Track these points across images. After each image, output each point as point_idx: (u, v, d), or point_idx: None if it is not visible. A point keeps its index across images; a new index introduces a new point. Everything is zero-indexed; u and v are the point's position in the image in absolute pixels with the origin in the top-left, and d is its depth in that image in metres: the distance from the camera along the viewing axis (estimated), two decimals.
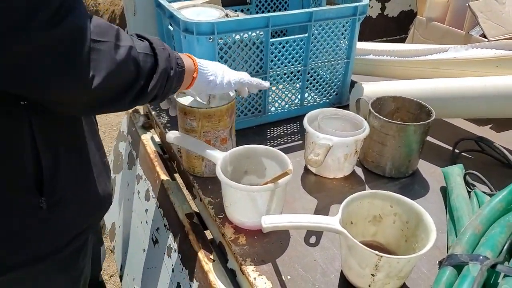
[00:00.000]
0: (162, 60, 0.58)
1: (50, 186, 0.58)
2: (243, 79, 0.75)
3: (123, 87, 0.54)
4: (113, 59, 0.50)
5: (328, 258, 0.66)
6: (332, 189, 0.82)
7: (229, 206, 0.70)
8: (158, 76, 0.58)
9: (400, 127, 0.78)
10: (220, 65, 0.74)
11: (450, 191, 0.72)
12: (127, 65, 0.53)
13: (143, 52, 0.56)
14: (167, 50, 0.61)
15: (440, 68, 0.99)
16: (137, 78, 0.55)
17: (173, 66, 0.61)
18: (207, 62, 0.71)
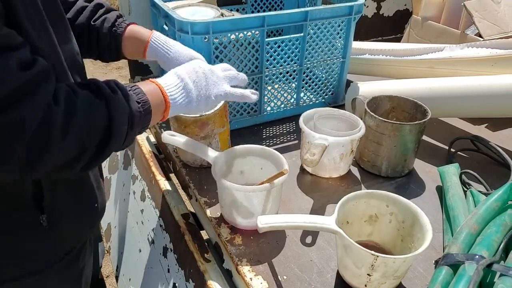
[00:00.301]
0: (118, 127, 0.50)
1: (50, 203, 0.58)
2: (226, 91, 0.65)
3: (69, 163, 0.48)
4: (54, 147, 0.45)
5: (324, 258, 0.66)
6: (328, 188, 0.81)
7: (225, 206, 0.70)
8: (114, 141, 0.50)
9: (395, 126, 0.78)
10: (197, 72, 0.62)
11: (446, 190, 0.72)
12: (70, 147, 0.46)
13: (93, 126, 0.48)
14: (123, 106, 0.51)
15: (435, 68, 0.99)
16: (82, 153, 0.48)
17: (135, 121, 0.53)
18: (176, 80, 0.60)
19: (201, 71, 0.62)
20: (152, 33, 0.75)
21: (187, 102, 0.60)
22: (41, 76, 0.44)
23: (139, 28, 0.76)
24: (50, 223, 0.59)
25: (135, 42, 0.75)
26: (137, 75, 1.18)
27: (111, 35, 0.74)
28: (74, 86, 0.49)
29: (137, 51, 0.76)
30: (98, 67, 3.40)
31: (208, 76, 0.63)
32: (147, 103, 0.54)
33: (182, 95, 0.59)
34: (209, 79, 0.63)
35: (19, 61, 0.42)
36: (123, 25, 0.75)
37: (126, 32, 0.75)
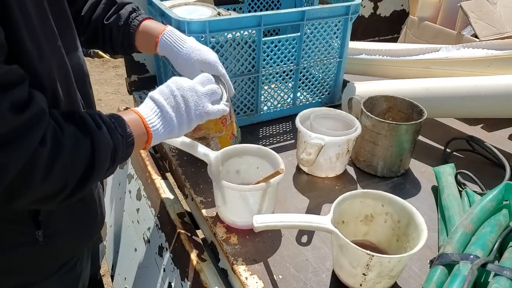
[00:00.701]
0: (100, 162, 0.50)
1: (46, 219, 0.58)
2: (207, 111, 0.62)
3: (48, 198, 0.48)
4: (34, 187, 0.44)
5: (319, 257, 0.66)
6: (324, 188, 0.81)
7: (221, 205, 0.70)
8: (95, 175, 0.50)
9: (392, 126, 0.78)
10: (175, 96, 0.59)
11: (442, 190, 0.72)
12: (51, 184, 0.46)
13: (76, 163, 0.48)
14: (107, 141, 0.50)
15: (431, 68, 0.99)
16: (63, 189, 0.48)
17: (117, 155, 0.52)
18: (155, 109, 0.58)
19: (179, 94, 0.59)
20: (166, 28, 0.73)
21: (169, 131, 0.59)
22: (34, 120, 0.43)
23: (153, 23, 0.75)
24: (46, 238, 0.58)
25: (147, 38, 0.74)
26: (133, 74, 1.17)
27: (124, 33, 0.74)
28: (60, 121, 0.48)
29: (149, 47, 0.75)
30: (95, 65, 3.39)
31: (187, 98, 0.60)
32: (130, 136, 0.53)
33: (163, 125, 0.58)
34: (189, 101, 0.60)
35: (13, 104, 0.42)
36: (136, 22, 0.74)
37: (139, 28, 0.74)
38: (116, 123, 0.52)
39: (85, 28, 0.73)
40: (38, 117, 0.44)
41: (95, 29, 0.74)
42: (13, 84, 0.42)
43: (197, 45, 0.72)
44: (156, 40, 0.73)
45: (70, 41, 0.59)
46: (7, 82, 0.42)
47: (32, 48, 0.46)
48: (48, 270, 0.63)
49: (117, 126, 0.52)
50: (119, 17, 0.74)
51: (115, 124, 0.52)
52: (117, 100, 2.99)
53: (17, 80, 0.43)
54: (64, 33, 0.55)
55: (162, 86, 0.61)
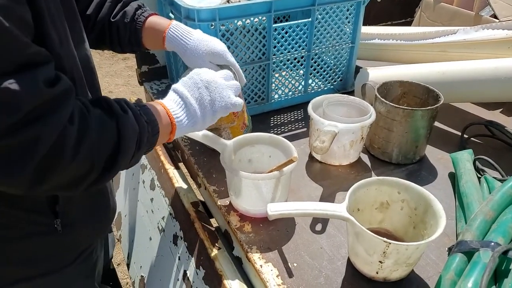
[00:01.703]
0: (126, 145, 0.49)
1: (64, 208, 0.59)
2: (233, 103, 0.62)
3: (75, 181, 0.47)
4: (63, 167, 0.44)
5: (334, 245, 0.65)
6: (338, 176, 0.80)
7: (234, 194, 0.70)
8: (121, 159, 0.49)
9: (407, 112, 0.76)
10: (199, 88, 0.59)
11: (459, 177, 0.70)
12: (79, 165, 0.46)
13: (102, 144, 0.47)
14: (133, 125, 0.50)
15: (448, 51, 0.96)
16: (90, 172, 0.47)
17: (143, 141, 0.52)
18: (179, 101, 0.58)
19: (203, 85, 0.59)
20: (171, 22, 0.73)
21: (193, 122, 0.59)
22: (63, 95, 0.44)
23: (158, 19, 0.75)
24: (65, 227, 0.60)
25: (154, 33, 0.74)
26: (144, 65, 1.17)
27: (130, 30, 0.74)
28: (87, 103, 0.48)
29: (156, 43, 0.75)
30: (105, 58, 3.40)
31: (211, 89, 0.60)
32: (155, 124, 0.54)
33: (187, 117, 0.58)
34: (213, 93, 0.60)
35: (45, 78, 0.43)
36: (142, 18, 0.74)
37: (145, 24, 0.74)
38: (141, 110, 0.53)
39: (91, 27, 0.74)
40: (68, 93, 0.45)
41: (101, 28, 0.74)
42: (43, 62, 0.43)
43: (204, 36, 0.71)
44: (163, 35, 0.72)
45: (78, 33, 0.59)
46: (37, 60, 0.43)
47: (53, 33, 0.47)
48: (66, 259, 0.65)
49: (143, 113, 0.53)
50: (125, 14, 0.74)
51: (141, 111, 0.53)
52: (127, 92, 3.01)
53: (46, 60, 0.44)
54: (73, 25, 0.56)
55: (185, 77, 0.61)
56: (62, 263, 0.64)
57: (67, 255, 0.65)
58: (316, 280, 0.59)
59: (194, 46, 0.70)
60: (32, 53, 0.42)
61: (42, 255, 0.61)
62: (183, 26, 0.73)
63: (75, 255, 0.66)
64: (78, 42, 0.59)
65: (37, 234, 0.59)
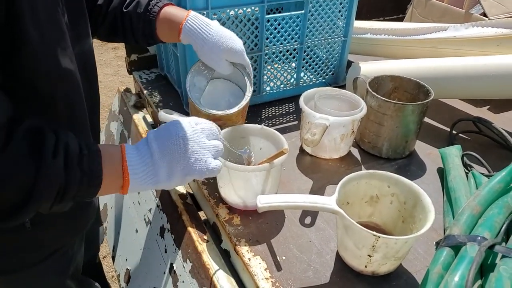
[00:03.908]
0: (39, 197, 0.42)
1: None
2: (209, 167, 0.52)
3: None
4: None
5: (323, 238, 0.65)
6: (328, 170, 0.80)
7: (223, 186, 0.69)
8: (32, 208, 0.42)
9: (398, 106, 0.76)
10: (173, 144, 0.50)
11: (448, 172, 0.71)
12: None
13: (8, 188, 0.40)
14: (57, 176, 0.42)
15: (439, 47, 0.96)
16: None
17: (68, 193, 0.44)
18: (146, 156, 0.49)
19: (180, 148, 0.50)
20: (189, 13, 0.68)
21: (154, 181, 0.49)
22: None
23: (174, 9, 0.70)
24: (34, 225, 0.57)
25: (169, 25, 0.69)
26: (133, 53, 1.15)
27: (144, 21, 0.69)
28: (13, 136, 0.40)
29: (172, 35, 0.70)
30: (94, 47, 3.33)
31: (189, 154, 0.50)
32: (97, 176, 0.45)
33: (147, 176, 0.48)
34: (189, 158, 0.50)
35: None
36: (156, 8, 0.69)
37: (160, 15, 0.69)
38: (86, 156, 0.45)
39: (103, 18, 0.70)
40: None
41: (113, 19, 0.70)
42: None
43: (224, 31, 0.67)
44: (179, 26, 0.67)
45: (83, 28, 0.57)
46: None
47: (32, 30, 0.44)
48: (36, 257, 0.62)
49: (84, 161, 0.44)
50: (139, 4, 0.70)
51: (84, 158, 0.44)
52: (117, 82, 2.96)
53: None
54: (76, 19, 0.53)
55: (163, 126, 0.52)
56: (30, 261, 0.62)
57: (37, 253, 0.62)
58: (304, 273, 0.59)
59: (213, 42, 0.66)
60: None
61: (10, 251, 0.58)
62: (202, 17, 0.68)
63: (45, 253, 0.63)
64: (81, 37, 0.56)
65: (4, 231, 0.56)
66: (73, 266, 0.73)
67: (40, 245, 0.62)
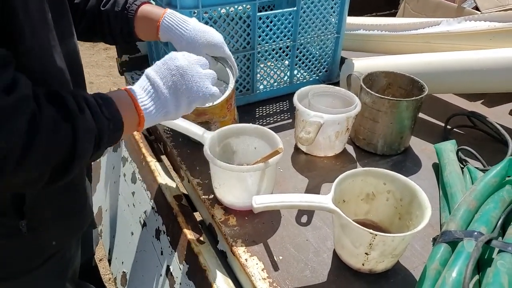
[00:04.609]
0: (83, 149, 0.45)
1: (32, 209, 0.55)
2: (211, 92, 0.57)
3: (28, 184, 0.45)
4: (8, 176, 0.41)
5: (320, 237, 0.65)
6: (323, 168, 0.80)
7: (218, 187, 0.68)
8: (77, 162, 0.45)
9: (392, 103, 0.76)
10: (173, 75, 0.54)
11: (443, 167, 0.71)
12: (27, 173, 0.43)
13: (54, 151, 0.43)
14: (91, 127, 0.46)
15: (432, 42, 0.96)
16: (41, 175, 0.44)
17: (102, 140, 0.48)
18: (149, 88, 0.53)
19: (177, 72, 0.53)
20: (166, 11, 0.69)
21: (164, 113, 0.54)
22: (18, 105, 0.40)
23: (152, 8, 0.70)
24: (31, 230, 0.56)
25: (147, 23, 0.69)
26: (124, 54, 1.13)
27: (122, 20, 0.69)
28: (40, 101, 0.43)
29: (150, 33, 0.70)
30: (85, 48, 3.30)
31: (187, 77, 0.54)
32: (118, 119, 0.49)
33: (157, 107, 0.52)
34: (189, 82, 0.54)
35: (4, 85, 0.39)
36: (134, 6, 0.69)
37: (138, 13, 0.69)
38: (103, 105, 0.48)
39: (80, 17, 0.69)
40: (23, 102, 0.41)
41: (91, 18, 0.70)
42: (1, 65, 0.39)
43: (201, 27, 0.68)
44: (157, 24, 0.68)
45: (66, 26, 0.56)
46: None
47: (26, 26, 0.44)
48: (33, 262, 0.61)
49: (104, 109, 0.48)
50: (116, 2, 0.69)
51: (102, 106, 0.48)
52: (109, 83, 2.93)
53: (4, 62, 0.40)
54: (59, 18, 0.52)
55: (159, 62, 0.55)
56: (28, 266, 0.61)
57: (34, 258, 0.61)
58: (302, 273, 0.59)
59: (191, 37, 0.66)
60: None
61: (6, 257, 0.58)
62: (178, 14, 0.69)
63: (43, 258, 0.62)
64: (64, 36, 0.55)
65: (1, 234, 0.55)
66: (71, 270, 0.72)
67: (38, 250, 0.61)
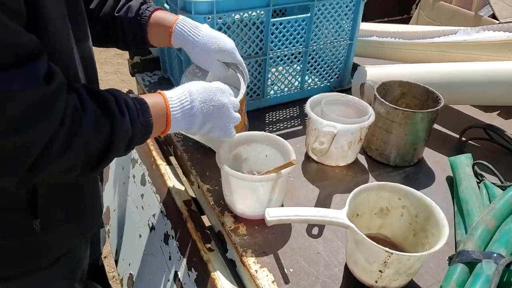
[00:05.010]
0: (116, 148, 0.49)
1: (45, 209, 0.56)
2: (231, 134, 0.63)
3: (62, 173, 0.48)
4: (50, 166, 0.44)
5: (331, 250, 0.64)
6: (335, 177, 0.79)
7: (229, 195, 0.68)
8: (109, 158, 0.49)
9: (407, 114, 0.75)
10: (213, 106, 0.59)
11: (459, 182, 0.69)
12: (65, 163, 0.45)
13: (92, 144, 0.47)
14: (127, 129, 0.49)
15: (448, 52, 0.94)
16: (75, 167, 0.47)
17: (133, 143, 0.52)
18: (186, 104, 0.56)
19: (217, 104, 0.59)
20: (178, 17, 0.69)
21: (186, 129, 0.59)
22: (58, 92, 0.43)
23: (164, 14, 0.71)
24: (44, 228, 0.57)
25: (160, 29, 0.70)
26: (136, 55, 1.13)
27: (135, 26, 0.70)
28: (83, 97, 0.46)
29: (162, 39, 0.71)
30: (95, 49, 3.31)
31: (222, 114, 0.60)
32: (150, 126, 0.53)
33: (184, 122, 0.57)
34: (222, 118, 0.60)
35: (40, 74, 0.41)
36: (147, 13, 0.70)
37: (151, 20, 0.70)
38: (140, 110, 0.51)
39: (94, 23, 0.70)
40: (62, 89, 0.43)
41: (105, 23, 0.70)
42: (37, 54, 0.41)
43: (213, 33, 0.68)
44: (169, 30, 0.69)
45: (82, 29, 0.57)
46: (31, 51, 0.40)
47: (51, 27, 0.45)
48: (44, 261, 0.62)
49: (141, 114, 0.51)
50: (130, 8, 0.70)
51: (139, 111, 0.51)
52: (117, 80, 2.93)
53: (39, 50, 0.42)
54: (76, 21, 0.53)
55: (205, 86, 0.59)
56: (39, 266, 0.62)
57: (45, 257, 0.62)
58: (312, 287, 0.58)
59: (203, 43, 0.67)
60: (26, 42, 0.40)
61: (17, 256, 0.59)
62: (191, 21, 0.69)
63: (54, 257, 0.63)
64: (80, 39, 0.56)
65: (14, 234, 0.56)
66: (80, 270, 0.73)
67: (49, 249, 0.62)
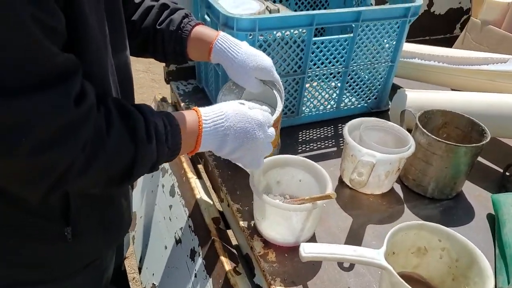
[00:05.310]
0: (137, 173, 0.49)
1: (76, 217, 0.57)
2: (253, 164, 0.61)
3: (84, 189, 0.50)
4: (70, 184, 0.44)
5: (362, 285, 0.62)
6: (369, 206, 0.77)
7: (260, 219, 0.67)
8: (130, 181, 0.50)
9: (449, 147, 0.72)
10: (247, 137, 0.56)
11: (502, 223, 0.66)
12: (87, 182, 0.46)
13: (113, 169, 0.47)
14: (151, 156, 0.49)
15: (496, 81, 0.90)
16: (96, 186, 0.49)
17: (156, 165, 0.52)
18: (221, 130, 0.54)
19: (251, 137, 0.56)
20: (219, 34, 0.70)
21: (214, 150, 0.57)
22: (86, 115, 0.43)
23: (205, 29, 0.71)
24: (74, 236, 0.58)
25: (200, 44, 0.70)
26: (172, 63, 1.14)
27: (176, 39, 0.70)
28: (111, 115, 0.46)
29: (202, 54, 0.71)
30: None
31: (254, 146, 0.57)
32: (177, 148, 0.52)
33: (213, 144, 0.55)
34: (253, 150, 0.57)
35: (75, 94, 0.41)
36: (188, 27, 0.70)
37: (191, 34, 0.70)
38: (170, 133, 0.51)
39: (136, 34, 0.71)
40: (91, 112, 0.44)
41: (146, 34, 0.71)
42: (72, 72, 0.42)
43: (252, 50, 0.68)
44: (210, 46, 0.69)
45: (121, 40, 0.57)
46: (65, 69, 0.41)
47: (92, 38, 0.45)
48: (73, 267, 0.63)
49: (169, 137, 0.51)
50: (172, 22, 0.70)
51: (168, 134, 0.51)
52: (147, 78, 2.99)
53: (75, 68, 0.42)
54: (115, 32, 0.54)
55: (244, 114, 0.56)
56: (68, 272, 0.63)
57: (74, 264, 0.63)
58: None
59: (242, 60, 0.67)
60: (61, 62, 0.40)
61: (48, 262, 0.59)
62: (231, 38, 0.69)
63: (82, 264, 0.64)
64: (119, 49, 0.57)
65: (46, 240, 0.57)
66: (105, 277, 0.74)
67: (79, 256, 0.63)
